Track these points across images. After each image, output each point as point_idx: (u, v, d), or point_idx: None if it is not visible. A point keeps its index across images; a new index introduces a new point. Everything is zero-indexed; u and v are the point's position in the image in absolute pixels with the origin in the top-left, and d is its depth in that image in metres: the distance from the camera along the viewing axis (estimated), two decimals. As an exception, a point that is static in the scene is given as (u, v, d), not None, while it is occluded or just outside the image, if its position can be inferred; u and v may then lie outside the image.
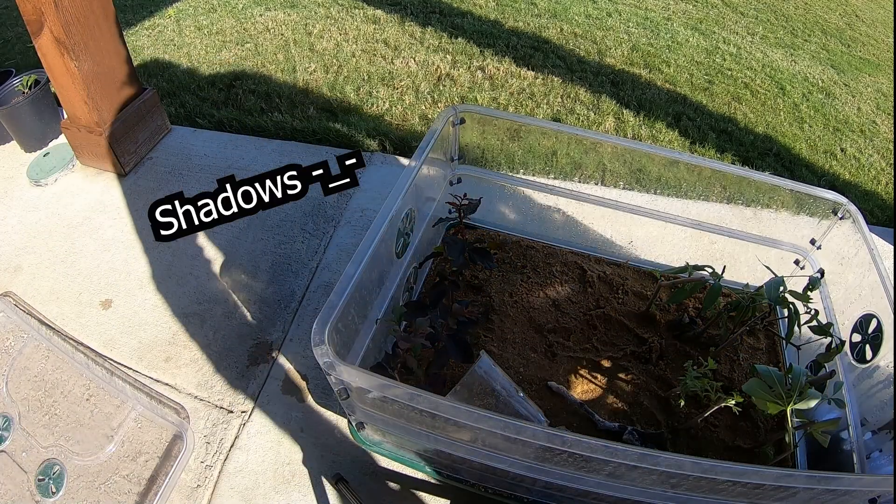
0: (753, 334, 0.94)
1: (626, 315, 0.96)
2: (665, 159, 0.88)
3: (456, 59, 1.92)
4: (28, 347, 0.92)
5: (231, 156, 1.33)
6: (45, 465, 0.80)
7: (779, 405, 0.69)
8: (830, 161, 1.65)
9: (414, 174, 0.77)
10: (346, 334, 0.70)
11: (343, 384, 0.58)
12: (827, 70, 2.18)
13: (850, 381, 0.77)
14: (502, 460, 0.60)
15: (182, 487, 0.79)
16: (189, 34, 2.06)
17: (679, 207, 0.95)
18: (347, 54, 1.92)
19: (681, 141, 1.62)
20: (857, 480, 0.52)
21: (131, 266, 1.08)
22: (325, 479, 0.79)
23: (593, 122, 1.66)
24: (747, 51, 2.21)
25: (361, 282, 0.67)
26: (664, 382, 0.87)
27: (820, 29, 2.57)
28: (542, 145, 0.94)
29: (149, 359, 0.93)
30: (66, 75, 1.13)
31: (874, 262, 0.76)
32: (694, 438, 0.81)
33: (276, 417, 0.86)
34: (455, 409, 0.53)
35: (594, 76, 1.89)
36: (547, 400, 0.84)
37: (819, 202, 0.86)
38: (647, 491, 0.57)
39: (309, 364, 0.93)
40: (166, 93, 1.69)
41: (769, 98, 1.91)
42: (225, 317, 0.99)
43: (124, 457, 0.81)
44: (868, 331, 0.75)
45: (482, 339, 0.91)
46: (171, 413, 0.86)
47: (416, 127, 1.56)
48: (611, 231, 1.07)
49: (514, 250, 1.06)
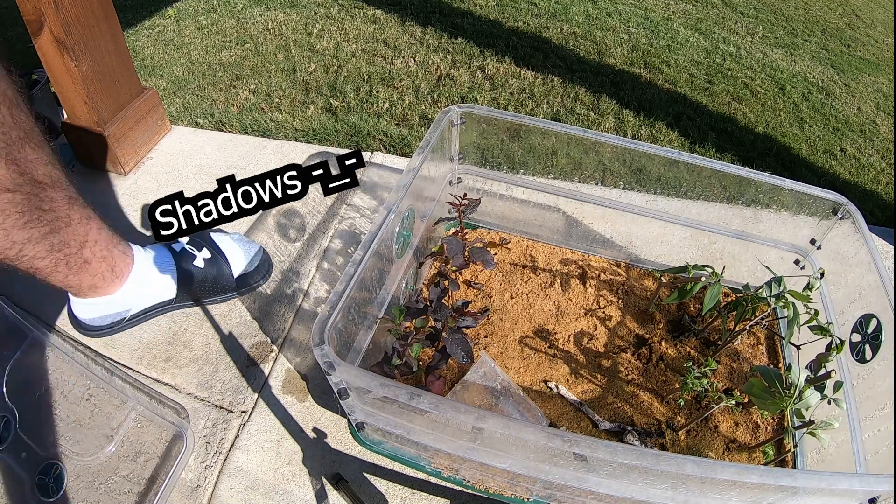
0: (753, 334, 0.95)
1: (625, 315, 0.96)
2: (665, 159, 0.88)
3: (456, 59, 1.92)
4: (27, 348, 0.92)
5: (231, 156, 1.34)
6: (45, 465, 0.80)
7: (779, 405, 0.69)
8: (830, 161, 1.65)
9: (414, 174, 0.78)
10: (346, 334, 0.70)
11: (343, 384, 0.58)
12: (827, 70, 2.19)
13: (850, 381, 0.77)
14: (502, 460, 0.60)
15: (182, 487, 0.79)
16: (189, 34, 2.06)
17: (679, 207, 0.95)
18: (347, 54, 1.92)
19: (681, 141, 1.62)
20: (858, 480, 0.52)
21: (131, 266, 1.08)
22: (325, 479, 0.79)
23: (593, 122, 1.66)
24: (747, 51, 2.21)
25: (361, 282, 0.67)
26: (664, 382, 0.87)
27: (820, 29, 2.57)
28: (542, 145, 0.94)
29: (149, 359, 0.93)
30: (66, 75, 1.13)
31: (874, 262, 0.76)
32: (694, 438, 0.81)
33: (276, 417, 0.86)
34: (455, 408, 0.53)
35: (594, 76, 1.90)
36: (547, 400, 0.84)
37: (819, 202, 0.86)
38: (647, 491, 0.57)
39: (309, 364, 0.93)
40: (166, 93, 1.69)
41: (769, 98, 1.91)
42: (225, 316, 0.99)
43: (124, 457, 0.81)
44: (868, 331, 0.75)
45: (482, 339, 0.91)
46: (171, 413, 0.86)
47: (416, 127, 1.56)
48: (611, 231, 1.07)
49: (514, 250, 1.06)
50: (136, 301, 0.86)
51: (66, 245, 0.67)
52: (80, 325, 0.87)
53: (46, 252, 0.64)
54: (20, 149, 0.55)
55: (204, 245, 0.93)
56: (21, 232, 0.59)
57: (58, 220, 0.64)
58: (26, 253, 0.62)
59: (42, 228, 0.61)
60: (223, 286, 0.93)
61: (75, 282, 0.74)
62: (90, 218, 0.71)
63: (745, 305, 0.81)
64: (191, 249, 0.90)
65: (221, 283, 0.93)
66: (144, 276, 0.83)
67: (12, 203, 0.55)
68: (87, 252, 0.71)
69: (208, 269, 0.90)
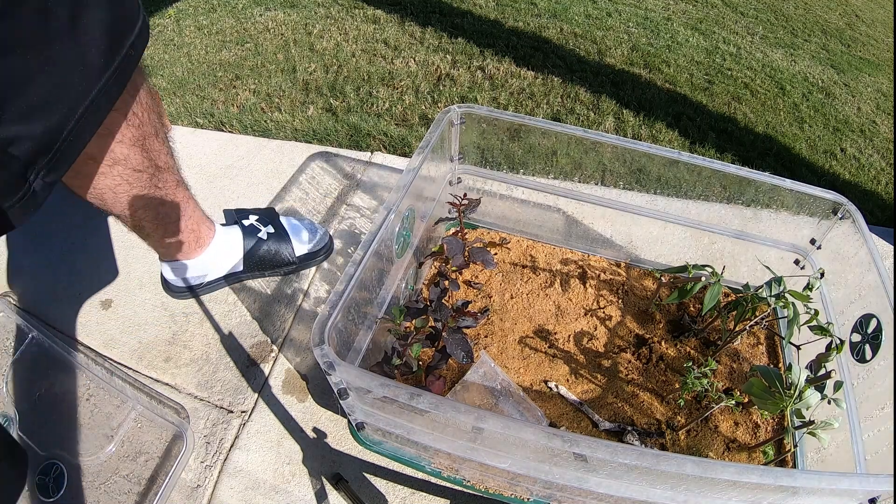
0: (753, 334, 0.95)
1: (625, 315, 0.96)
2: (665, 159, 0.88)
3: (456, 59, 1.92)
4: (28, 348, 0.92)
5: (231, 156, 1.33)
6: (45, 465, 0.80)
7: (779, 405, 0.69)
8: (830, 161, 1.65)
9: (414, 174, 0.77)
10: (346, 334, 0.70)
11: (343, 384, 0.58)
12: (827, 70, 2.18)
13: (850, 381, 0.77)
14: (502, 460, 0.60)
15: (182, 487, 0.79)
16: (189, 34, 2.06)
17: (679, 207, 0.95)
18: (347, 54, 1.92)
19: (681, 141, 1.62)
20: (858, 480, 0.52)
21: (131, 266, 1.08)
22: (325, 479, 0.79)
23: (593, 122, 1.66)
24: (747, 51, 2.21)
25: (361, 282, 0.67)
26: (664, 382, 0.87)
27: (820, 29, 2.57)
28: (542, 145, 0.94)
29: (149, 359, 0.93)
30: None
31: (874, 262, 0.76)
32: (694, 438, 0.81)
33: (276, 417, 0.86)
34: (455, 409, 0.53)
35: (594, 76, 1.89)
36: (547, 400, 0.84)
37: (819, 202, 0.86)
38: (647, 491, 0.57)
39: (309, 364, 0.93)
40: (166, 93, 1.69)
41: (769, 98, 1.91)
42: (225, 316, 0.99)
43: (124, 457, 0.81)
44: (868, 331, 0.75)
45: (482, 339, 0.91)
46: (171, 413, 0.86)
47: (416, 127, 1.56)
48: (611, 231, 1.07)
49: (514, 250, 1.06)
50: (212, 269, 0.99)
51: (168, 216, 0.84)
52: (168, 285, 1.00)
53: (153, 218, 0.82)
54: (151, 142, 0.72)
55: (269, 222, 1.03)
56: (139, 201, 0.76)
57: (166, 197, 0.81)
58: (138, 217, 0.79)
59: (154, 201, 0.79)
60: (284, 261, 1.03)
61: (168, 243, 0.89)
62: (189, 198, 0.88)
63: (745, 305, 0.81)
64: (257, 225, 1.01)
65: (282, 258, 1.02)
66: (219, 248, 0.97)
67: (139, 180, 0.73)
68: (182, 223, 0.88)
69: (271, 244, 1.01)
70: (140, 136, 0.69)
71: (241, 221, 1.01)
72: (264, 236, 1.00)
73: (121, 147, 0.66)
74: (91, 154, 0.64)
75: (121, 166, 0.68)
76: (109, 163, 0.67)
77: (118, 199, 0.73)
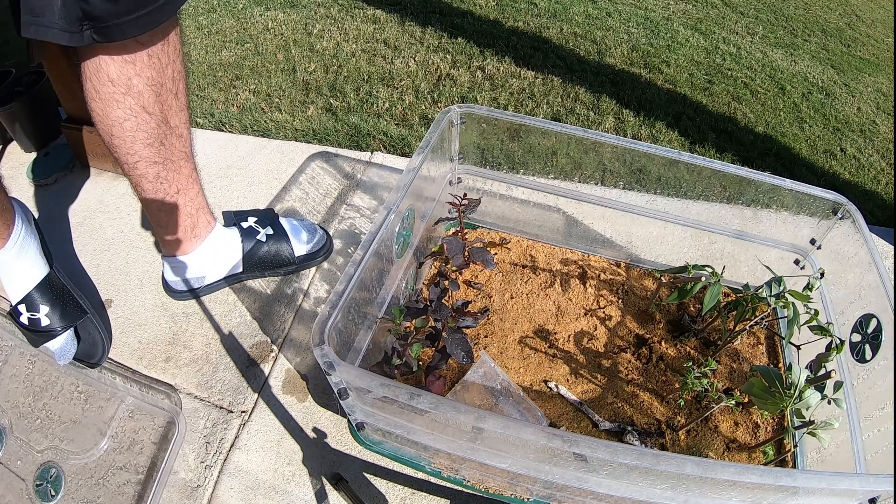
0: (753, 334, 0.95)
1: (625, 315, 0.96)
2: (665, 159, 0.88)
3: (456, 59, 1.92)
4: (14, 355, 0.92)
5: (231, 156, 1.33)
6: (42, 469, 0.80)
7: (779, 405, 0.69)
8: (830, 161, 1.65)
9: (414, 174, 0.77)
10: (346, 334, 0.70)
11: (343, 384, 0.58)
12: (827, 70, 2.19)
13: (850, 381, 0.77)
14: (502, 460, 0.60)
15: (182, 487, 0.79)
16: (189, 34, 2.06)
17: (679, 207, 0.95)
18: (347, 54, 1.92)
19: (681, 141, 1.63)
20: (858, 480, 0.52)
21: (131, 266, 1.08)
22: (325, 479, 0.79)
23: (593, 122, 1.66)
24: (747, 51, 2.21)
25: (361, 282, 0.67)
26: (664, 382, 0.87)
27: (820, 29, 2.57)
28: (541, 145, 0.94)
29: (149, 359, 0.93)
30: (67, 75, 1.13)
31: (874, 262, 0.76)
32: (694, 438, 0.81)
33: (276, 417, 0.86)
34: (455, 409, 0.53)
35: (594, 76, 1.90)
36: (547, 400, 0.84)
37: (819, 202, 0.86)
38: (647, 491, 0.57)
39: (309, 364, 0.93)
40: (166, 93, 1.69)
41: (769, 98, 1.91)
42: (225, 316, 0.99)
43: (119, 448, 0.81)
44: (868, 331, 0.75)
45: (482, 339, 0.91)
46: (162, 399, 0.85)
47: (416, 127, 1.57)
48: (611, 231, 1.07)
49: (514, 250, 1.06)
50: (211, 270, 0.99)
51: (168, 183, 0.84)
52: (168, 287, 1.01)
53: (153, 178, 0.82)
54: (167, 95, 0.76)
55: (268, 224, 1.03)
56: (143, 149, 0.78)
57: (169, 160, 0.82)
58: (139, 169, 0.80)
59: (157, 157, 0.80)
60: (283, 261, 1.03)
61: (163, 222, 0.89)
62: (195, 180, 0.89)
63: (745, 305, 0.81)
64: (256, 227, 1.01)
65: (281, 259, 1.03)
66: (217, 248, 0.97)
67: (146, 123, 0.76)
68: (181, 200, 0.87)
69: (270, 246, 1.01)
70: (157, 81, 0.73)
71: (240, 224, 1.01)
72: (263, 238, 1.00)
73: (138, 80, 0.72)
74: (111, 76, 0.70)
75: (132, 98, 0.73)
76: (124, 90, 0.72)
77: (124, 136, 0.76)
